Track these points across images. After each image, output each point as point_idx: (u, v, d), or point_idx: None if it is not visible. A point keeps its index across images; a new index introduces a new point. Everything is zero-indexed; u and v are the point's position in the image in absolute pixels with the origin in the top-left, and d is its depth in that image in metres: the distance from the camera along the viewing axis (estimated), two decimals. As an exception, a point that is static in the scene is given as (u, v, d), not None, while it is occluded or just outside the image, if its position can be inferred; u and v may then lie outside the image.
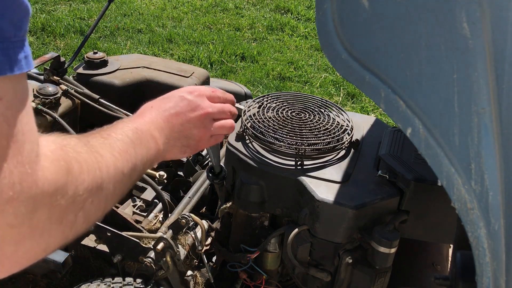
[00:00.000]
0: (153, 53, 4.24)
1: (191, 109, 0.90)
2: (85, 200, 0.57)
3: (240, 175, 1.37)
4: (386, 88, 0.71)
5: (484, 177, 0.65)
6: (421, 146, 0.68)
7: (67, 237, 0.56)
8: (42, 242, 0.51)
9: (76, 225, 0.56)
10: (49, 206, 0.50)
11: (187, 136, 0.89)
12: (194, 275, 1.50)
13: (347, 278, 1.31)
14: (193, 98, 0.91)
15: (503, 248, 0.67)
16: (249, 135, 1.40)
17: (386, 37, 0.71)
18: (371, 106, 3.67)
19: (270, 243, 1.39)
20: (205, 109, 0.91)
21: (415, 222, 1.28)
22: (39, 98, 1.80)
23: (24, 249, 0.49)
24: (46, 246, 0.53)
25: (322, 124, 1.43)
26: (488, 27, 0.63)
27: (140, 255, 1.40)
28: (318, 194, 1.23)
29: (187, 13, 5.10)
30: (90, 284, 1.37)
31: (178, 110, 0.88)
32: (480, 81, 0.64)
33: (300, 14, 5.16)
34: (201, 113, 0.91)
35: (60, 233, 0.54)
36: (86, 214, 0.57)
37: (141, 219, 1.62)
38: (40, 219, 0.49)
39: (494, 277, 0.68)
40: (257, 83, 3.91)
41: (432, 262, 1.58)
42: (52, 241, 0.53)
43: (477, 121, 0.64)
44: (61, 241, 0.55)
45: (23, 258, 0.51)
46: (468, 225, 0.67)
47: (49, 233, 0.52)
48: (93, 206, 0.59)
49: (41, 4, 5.02)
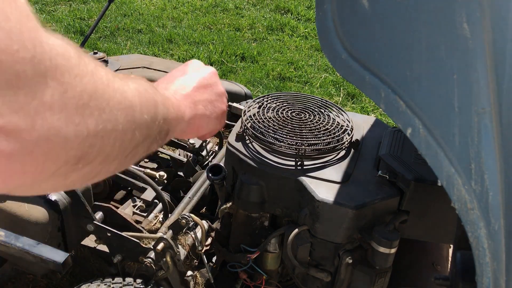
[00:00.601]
0: (153, 53, 4.24)
1: (213, 83, 0.82)
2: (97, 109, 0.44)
3: (240, 175, 1.37)
4: (386, 88, 0.71)
5: (484, 177, 0.65)
6: (421, 146, 0.68)
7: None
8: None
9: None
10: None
11: (214, 105, 0.80)
12: (194, 275, 1.50)
13: (347, 278, 1.31)
14: (209, 76, 0.83)
15: (503, 248, 0.67)
16: (249, 135, 1.40)
17: (386, 37, 0.71)
18: (371, 106, 3.67)
19: (270, 243, 1.39)
20: (222, 89, 0.85)
21: (415, 222, 1.28)
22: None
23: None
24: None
25: (322, 124, 1.43)
26: (488, 27, 0.63)
27: (140, 255, 1.40)
28: (318, 194, 1.23)
29: (187, 13, 5.11)
30: (90, 284, 1.37)
31: (198, 85, 0.79)
32: (480, 81, 0.64)
33: (300, 14, 5.16)
34: (221, 90, 0.84)
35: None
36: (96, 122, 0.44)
37: (141, 219, 1.62)
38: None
39: (494, 277, 0.68)
40: (257, 83, 3.91)
41: (432, 262, 1.58)
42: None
43: (477, 121, 0.64)
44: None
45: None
46: (468, 225, 0.67)
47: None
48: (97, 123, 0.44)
49: (41, 4, 5.02)
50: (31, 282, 1.96)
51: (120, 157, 0.51)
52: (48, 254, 1.22)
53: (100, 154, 0.47)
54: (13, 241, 1.24)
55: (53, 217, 1.37)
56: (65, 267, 1.21)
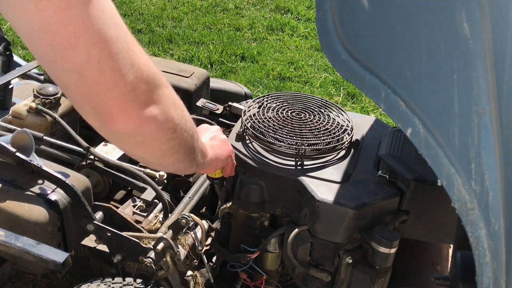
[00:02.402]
0: (153, 53, 4.24)
1: (219, 134, 1.19)
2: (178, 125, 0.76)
3: (240, 175, 1.37)
4: (386, 88, 0.71)
5: (484, 177, 0.65)
6: (421, 146, 0.68)
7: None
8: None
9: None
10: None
11: (223, 149, 1.16)
12: (194, 275, 1.50)
13: (347, 278, 1.31)
14: (215, 131, 1.20)
15: (503, 248, 0.67)
16: (249, 135, 1.40)
17: (386, 37, 0.71)
18: (371, 106, 3.67)
19: (270, 243, 1.40)
20: (224, 137, 1.22)
21: (415, 222, 1.28)
22: (39, 98, 1.80)
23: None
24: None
25: (322, 124, 1.43)
26: (488, 27, 0.63)
27: (140, 255, 1.40)
28: (318, 194, 1.23)
29: (187, 13, 5.11)
30: (90, 284, 1.37)
31: (211, 136, 1.16)
32: (480, 81, 0.64)
33: (300, 14, 5.16)
34: (230, 148, 1.21)
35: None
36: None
37: (141, 219, 1.62)
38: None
39: (494, 277, 0.68)
40: (257, 83, 3.91)
41: (432, 262, 1.58)
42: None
43: (477, 121, 0.64)
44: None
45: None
46: (468, 225, 0.67)
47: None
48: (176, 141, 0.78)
49: (41, 4, 5.01)
50: (31, 282, 1.96)
51: (185, 160, 0.85)
52: (48, 254, 1.21)
53: (180, 149, 0.80)
54: (13, 241, 1.24)
55: (53, 217, 1.37)
56: (65, 267, 1.21)
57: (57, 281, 1.99)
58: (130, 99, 0.65)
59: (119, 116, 0.65)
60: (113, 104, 0.64)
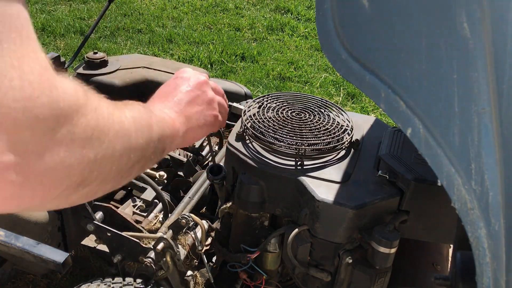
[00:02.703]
0: (153, 53, 4.24)
1: (201, 94, 0.95)
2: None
3: (240, 175, 1.37)
4: (386, 88, 0.71)
5: (484, 177, 0.65)
6: (421, 146, 0.68)
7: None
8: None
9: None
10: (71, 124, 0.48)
11: (205, 114, 0.93)
12: (194, 275, 1.50)
13: (347, 278, 1.31)
14: (198, 86, 0.96)
15: (503, 248, 0.67)
16: (249, 135, 1.40)
17: (386, 37, 0.71)
18: (371, 106, 3.67)
19: (270, 243, 1.39)
20: (211, 96, 0.98)
21: (415, 222, 1.28)
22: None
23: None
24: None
25: (322, 124, 1.43)
26: (488, 27, 0.63)
27: (140, 255, 1.40)
28: (318, 194, 1.23)
29: (187, 13, 5.10)
30: (90, 284, 1.37)
31: (189, 99, 0.92)
32: (480, 81, 0.64)
33: (300, 14, 5.16)
34: (210, 97, 0.97)
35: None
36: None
37: (141, 219, 1.62)
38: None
39: (494, 277, 0.68)
40: (257, 83, 3.91)
41: (432, 262, 1.58)
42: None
43: (477, 121, 0.64)
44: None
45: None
46: (468, 225, 0.67)
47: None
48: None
49: (41, 4, 5.02)
50: (31, 282, 1.96)
51: (116, 178, 0.59)
52: (48, 254, 1.22)
53: (98, 177, 0.54)
54: (13, 241, 1.24)
55: (53, 217, 1.37)
56: (65, 267, 1.21)
57: (57, 281, 1.99)
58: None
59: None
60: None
